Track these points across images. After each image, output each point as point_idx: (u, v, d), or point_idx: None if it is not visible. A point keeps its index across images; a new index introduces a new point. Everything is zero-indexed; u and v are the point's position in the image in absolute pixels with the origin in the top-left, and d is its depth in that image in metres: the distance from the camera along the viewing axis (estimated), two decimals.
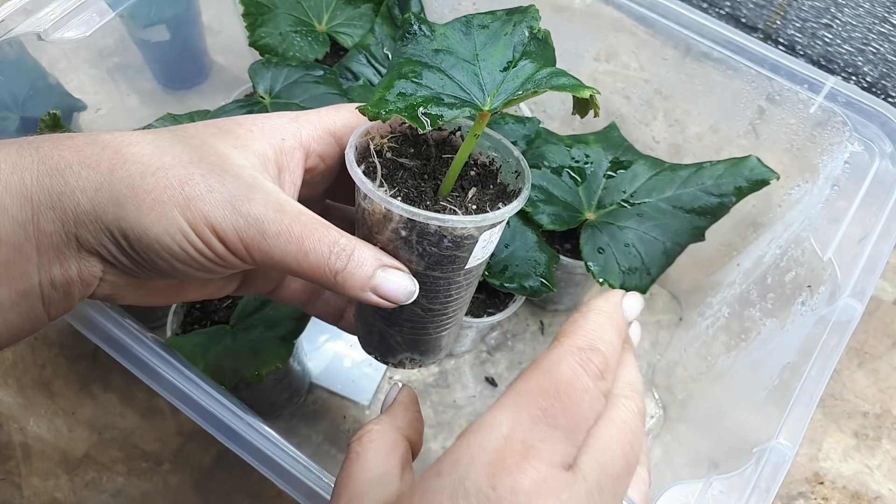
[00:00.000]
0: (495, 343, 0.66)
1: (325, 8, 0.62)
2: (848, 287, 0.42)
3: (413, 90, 0.32)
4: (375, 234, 0.32)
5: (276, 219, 0.28)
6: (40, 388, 0.60)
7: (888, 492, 0.60)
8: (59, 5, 0.48)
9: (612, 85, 0.61)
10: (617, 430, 0.27)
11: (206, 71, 0.76)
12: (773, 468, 0.36)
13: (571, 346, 0.28)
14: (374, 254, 0.30)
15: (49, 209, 0.28)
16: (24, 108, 0.54)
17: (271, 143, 0.32)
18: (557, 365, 0.27)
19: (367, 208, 0.31)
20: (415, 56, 0.33)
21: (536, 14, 0.34)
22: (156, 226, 0.28)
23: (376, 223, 0.31)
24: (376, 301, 0.30)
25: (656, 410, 0.63)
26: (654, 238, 0.52)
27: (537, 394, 0.26)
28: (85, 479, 0.57)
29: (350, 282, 0.29)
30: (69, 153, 0.28)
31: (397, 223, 0.30)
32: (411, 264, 0.32)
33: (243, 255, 0.29)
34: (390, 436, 0.31)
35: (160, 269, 0.29)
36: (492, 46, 0.34)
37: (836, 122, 0.49)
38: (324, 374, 0.63)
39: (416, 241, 0.31)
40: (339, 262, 0.29)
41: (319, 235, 0.29)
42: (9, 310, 0.29)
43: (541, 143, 0.55)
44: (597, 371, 0.27)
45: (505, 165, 0.36)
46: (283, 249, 0.28)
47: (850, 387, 0.64)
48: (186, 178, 0.28)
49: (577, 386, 0.26)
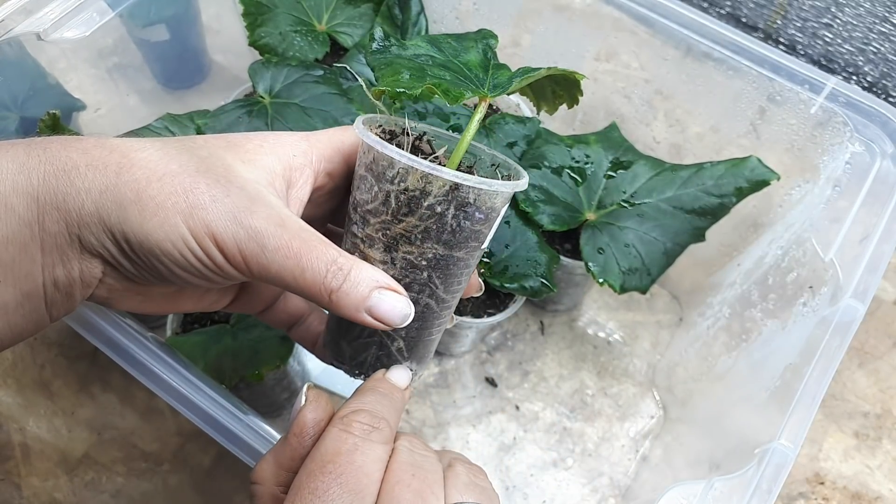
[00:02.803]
0: (495, 343, 0.66)
1: (325, 8, 0.62)
2: (850, 288, 0.41)
3: (420, 76, 0.32)
4: (393, 224, 0.31)
5: (277, 233, 0.28)
6: (40, 389, 0.60)
7: (889, 492, 0.60)
8: (59, 5, 0.48)
9: (612, 85, 0.61)
10: (402, 473, 0.28)
11: (206, 70, 0.75)
12: (774, 469, 0.36)
13: (334, 420, 0.29)
14: (371, 274, 0.30)
15: (54, 209, 0.28)
16: (24, 107, 0.54)
17: (281, 158, 0.32)
18: (322, 442, 0.28)
19: (394, 190, 0.30)
20: (398, 58, 0.34)
21: (492, 35, 0.38)
22: (158, 231, 0.28)
23: (402, 207, 0.30)
24: (371, 322, 0.30)
25: (657, 411, 0.63)
26: (654, 238, 0.52)
27: (305, 479, 0.27)
28: (84, 480, 0.57)
29: (345, 301, 0.29)
30: (77, 155, 0.28)
31: (437, 196, 0.30)
32: (436, 248, 0.31)
33: (241, 266, 0.29)
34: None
35: (160, 274, 0.29)
36: (465, 55, 0.36)
37: (837, 123, 0.49)
38: (323, 375, 0.63)
39: (452, 215, 0.30)
40: (334, 282, 0.29)
41: (318, 253, 0.29)
42: (13, 311, 0.29)
43: (541, 143, 0.55)
44: (364, 427, 0.29)
45: (479, 162, 0.36)
46: (280, 264, 0.28)
47: (850, 387, 0.64)
48: (191, 186, 0.28)
49: (342, 450, 0.28)
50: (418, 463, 0.29)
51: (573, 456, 0.61)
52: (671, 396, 0.63)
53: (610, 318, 0.68)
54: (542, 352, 0.66)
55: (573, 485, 0.59)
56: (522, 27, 0.63)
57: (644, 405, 0.63)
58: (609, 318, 0.68)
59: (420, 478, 0.29)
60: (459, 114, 0.55)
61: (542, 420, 0.62)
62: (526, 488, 0.59)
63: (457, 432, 0.61)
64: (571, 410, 0.63)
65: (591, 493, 0.59)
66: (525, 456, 0.60)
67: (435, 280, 0.32)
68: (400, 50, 0.35)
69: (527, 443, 0.61)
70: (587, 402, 0.63)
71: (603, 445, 0.61)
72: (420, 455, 0.30)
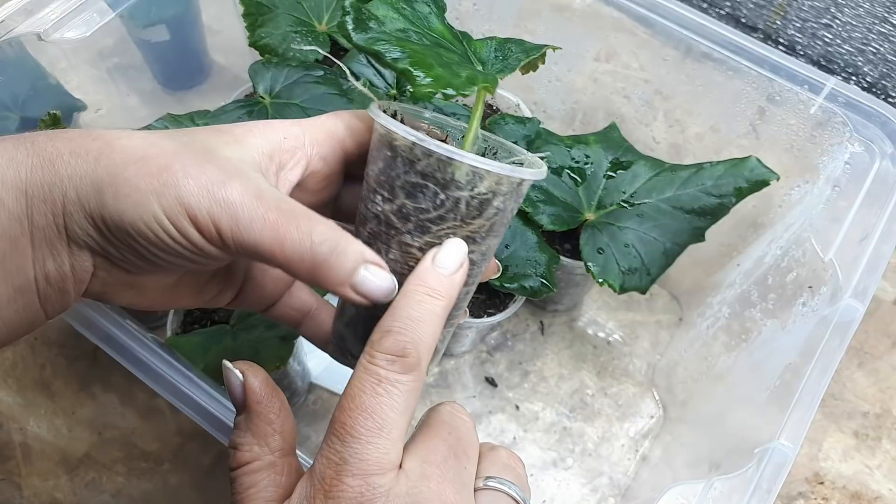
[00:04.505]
0: (495, 343, 0.66)
1: (325, 8, 0.62)
2: (849, 288, 0.42)
3: (445, 65, 0.30)
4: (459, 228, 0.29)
5: (252, 205, 0.28)
6: (40, 388, 0.60)
7: (888, 492, 0.60)
8: (59, 5, 0.48)
9: (612, 85, 0.61)
10: (436, 422, 0.29)
11: (206, 71, 0.75)
12: (774, 469, 0.36)
13: (365, 349, 0.28)
14: (357, 248, 0.29)
15: (41, 202, 0.28)
16: (24, 108, 0.54)
17: (270, 140, 0.31)
18: (351, 378, 0.28)
19: (464, 196, 0.29)
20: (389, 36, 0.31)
21: None
22: (131, 212, 0.27)
23: (473, 210, 0.29)
24: (354, 297, 0.29)
25: (656, 411, 0.63)
26: (654, 238, 0.52)
27: (338, 414, 0.27)
28: (85, 479, 0.57)
29: (329, 275, 0.28)
30: (61, 144, 0.28)
31: (505, 194, 0.29)
32: (491, 243, 0.31)
33: (217, 241, 0.28)
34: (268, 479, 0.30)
35: (142, 257, 0.29)
36: (429, 22, 0.33)
37: (837, 123, 0.49)
38: (324, 374, 0.63)
39: (511, 209, 0.30)
40: (318, 255, 0.28)
41: (298, 224, 0.28)
42: (6, 305, 0.29)
43: (541, 143, 0.55)
44: (387, 358, 0.27)
45: (488, 147, 0.35)
46: (256, 237, 0.27)
47: (850, 387, 0.64)
48: (166, 166, 0.28)
49: (366, 386, 0.27)
50: (457, 425, 0.30)
51: (573, 456, 0.61)
52: (671, 396, 0.63)
53: (610, 318, 0.68)
54: (542, 352, 0.66)
55: (573, 484, 0.59)
56: (522, 27, 0.63)
57: (644, 405, 0.63)
58: (609, 318, 0.68)
59: (456, 437, 0.29)
60: (460, 114, 0.55)
61: (541, 420, 0.62)
62: None
63: None
64: (571, 410, 0.63)
65: (590, 493, 0.59)
66: (525, 456, 0.60)
67: (480, 269, 0.32)
68: (379, 25, 0.32)
69: (527, 443, 0.61)
70: (587, 401, 0.63)
71: (603, 445, 0.61)
72: (460, 419, 0.30)
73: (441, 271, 0.29)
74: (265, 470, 0.29)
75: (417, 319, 0.28)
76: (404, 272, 0.30)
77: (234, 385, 0.30)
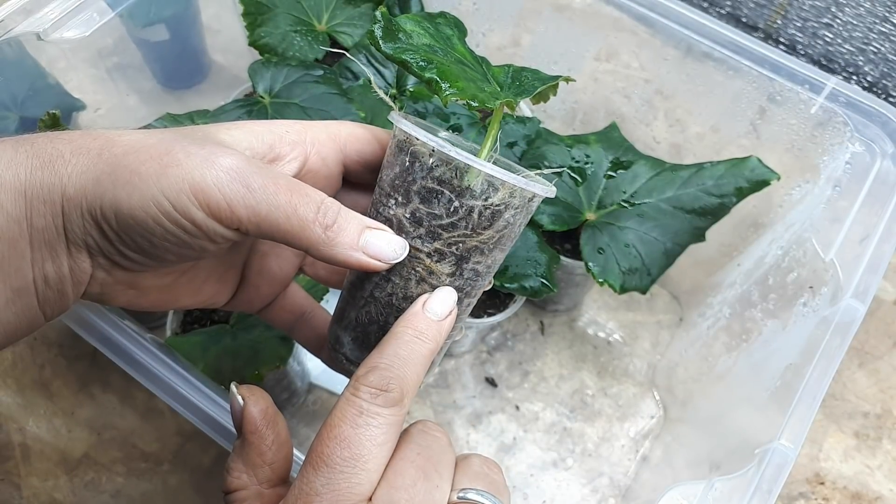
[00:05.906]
0: (495, 343, 0.66)
1: (324, 7, 0.62)
2: (850, 288, 0.41)
3: (470, 79, 0.31)
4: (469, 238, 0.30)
5: (261, 171, 0.28)
6: (39, 389, 0.60)
7: (889, 492, 0.60)
8: (59, 5, 0.48)
9: (612, 85, 0.61)
10: (403, 444, 0.29)
11: (206, 70, 0.75)
12: (775, 469, 0.36)
13: (350, 382, 0.29)
14: (357, 215, 0.30)
15: (41, 203, 0.28)
16: (24, 107, 0.54)
17: (273, 131, 0.32)
18: (334, 407, 0.28)
19: (478, 205, 0.29)
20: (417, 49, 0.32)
21: (459, 21, 0.36)
22: (131, 198, 0.27)
23: (485, 220, 0.30)
24: (365, 261, 0.29)
25: (657, 411, 0.63)
26: (654, 238, 0.52)
27: (316, 444, 0.27)
28: (84, 480, 0.57)
29: (340, 238, 0.29)
30: (62, 144, 0.28)
31: (517, 207, 0.30)
32: (498, 256, 0.31)
33: (227, 214, 0.28)
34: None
35: (142, 248, 0.29)
36: (453, 44, 0.34)
37: (837, 123, 0.49)
38: (324, 374, 0.63)
39: (520, 222, 0.31)
40: (328, 217, 0.28)
41: (305, 190, 0.28)
42: (4, 308, 0.29)
43: (541, 143, 0.55)
44: (371, 391, 0.28)
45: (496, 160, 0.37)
46: (270, 202, 0.27)
47: (850, 387, 0.64)
48: (166, 151, 0.28)
49: (347, 415, 0.27)
50: (426, 444, 0.29)
51: (573, 456, 0.61)
52: (671, 396, 0.63)
53: (610, 318, 0.68)
54: (542, 352, 0.66)
55: (573, 485, 0.59)
56: (522, 27, 0.63)
57: (644, 405, 0.63)
58: (609, 318, 0.68)
59: (425, 456, 0.29)
60: (459, 113, 0.55)
61: (542, 420, 0.62)
62: (526, 488, 0.59)
63: (457, 432, 0.61)
64: (571, 410, 0.63)
65: (591, 493, 0.59)
66: (525, 456, 0.60)
67: (483, 282, 0.33)
68: (407, 37, 0.33)
69: (527, 443, 0.61)
70: (587, 402, 0.63)
71: (603, 445, 0.61)
72: (431, 437, 0.30)
73: (430, 316, 0.30)
74: (252, 500, 0.30)
75: (404, 358, 0.29)
76: (410, 277, 0.31)
77: (235, 410, 0.31)
